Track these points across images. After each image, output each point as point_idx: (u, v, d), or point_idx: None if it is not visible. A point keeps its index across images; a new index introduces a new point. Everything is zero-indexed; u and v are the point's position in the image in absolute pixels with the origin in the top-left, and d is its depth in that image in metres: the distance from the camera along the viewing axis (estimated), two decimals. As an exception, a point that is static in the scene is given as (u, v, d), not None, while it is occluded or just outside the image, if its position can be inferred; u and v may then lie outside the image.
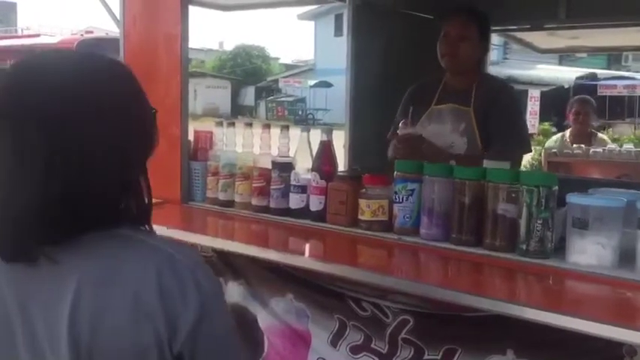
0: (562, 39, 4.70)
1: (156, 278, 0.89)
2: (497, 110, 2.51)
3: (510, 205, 1.68)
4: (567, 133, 4.69)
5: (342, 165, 3.54)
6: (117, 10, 2.54)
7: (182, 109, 2.29)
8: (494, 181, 1.72)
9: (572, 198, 1.59)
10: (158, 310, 0.88)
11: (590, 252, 1.55)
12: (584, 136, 4.57)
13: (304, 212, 2.09)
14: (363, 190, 1.95)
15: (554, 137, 4.75)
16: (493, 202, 1.71)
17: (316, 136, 2.13)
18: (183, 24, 2.29)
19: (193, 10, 2.42)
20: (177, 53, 2.29)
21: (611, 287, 1.49)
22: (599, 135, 4.77)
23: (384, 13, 3.63)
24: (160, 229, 1.05)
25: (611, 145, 4.30)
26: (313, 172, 2.08)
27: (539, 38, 4.75)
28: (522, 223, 1.64)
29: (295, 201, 2.11)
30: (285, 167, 2.14)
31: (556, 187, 1.62)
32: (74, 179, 0.88)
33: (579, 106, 4.55)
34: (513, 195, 1.68)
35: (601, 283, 1.50)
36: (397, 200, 1.90)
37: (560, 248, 1.67)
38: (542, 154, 5.01)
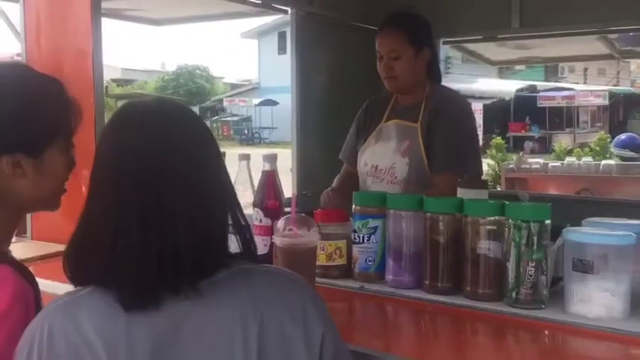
0: (513, 50, 4.56)
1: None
2: (440, 123, 2.16)
3: (494, 244, 1.39)
4: None
5: (290, 189, 3.25)
6: (18, 24, 2.16)
7: (96, 134, 1.90)
8: (474, 214, 1.42)
9: (571, 234, 1.31)
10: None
11: (596, 301, 1.26)
12: None
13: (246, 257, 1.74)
14: (316, 229, 1.63)
15: None
16: (473, 240, 1.42)
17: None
18: (95, 38, 1.92)
19: (127, 28, 2.07)
20: (89, 71, 1.92)
21: (625, 346, 1.20)
22: None
23: (329, 25, 3.37)
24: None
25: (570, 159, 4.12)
26: (256, 209, 1.75)
27: (490, 50, 4.60)
28: (511, 266, 1.35)
29: (234, 243, 1.77)
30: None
31: (549, 221, 1.34)
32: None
33: None
34: (497, 230, 1.39)
35: (612, 340, 1.21)
36: (357, 240, 1.59)
37: (555, 293, 1.39)
38: (498, 169, 4.81)
